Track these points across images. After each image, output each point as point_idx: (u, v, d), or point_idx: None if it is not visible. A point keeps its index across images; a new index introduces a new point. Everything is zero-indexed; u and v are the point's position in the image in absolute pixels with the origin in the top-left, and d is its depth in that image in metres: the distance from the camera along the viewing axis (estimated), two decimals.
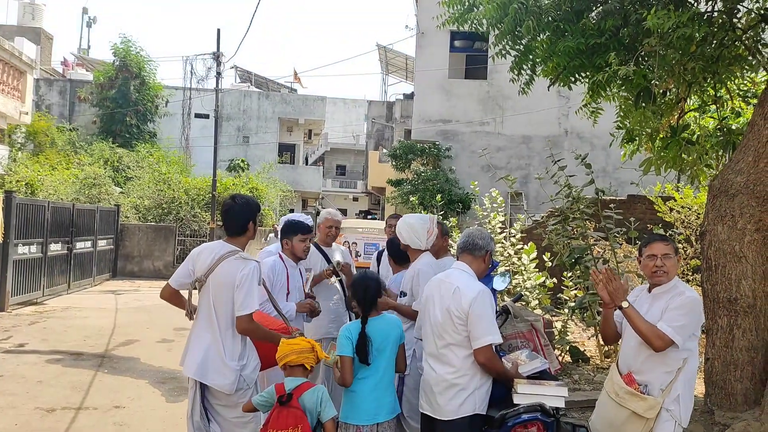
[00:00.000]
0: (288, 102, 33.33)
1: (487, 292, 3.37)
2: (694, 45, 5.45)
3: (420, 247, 4.29)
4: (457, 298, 3.32)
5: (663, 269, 3.35)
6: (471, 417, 3.28)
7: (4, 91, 12.12)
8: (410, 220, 4.37)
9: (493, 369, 3.31)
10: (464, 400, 3.29)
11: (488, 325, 3.28)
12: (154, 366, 7.48)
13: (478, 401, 3.31)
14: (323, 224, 5.23)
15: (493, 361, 3.30)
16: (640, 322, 3.23)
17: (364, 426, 3.39)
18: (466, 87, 20.08)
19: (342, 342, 3.44)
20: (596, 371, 7.10)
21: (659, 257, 3.36)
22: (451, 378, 3.32)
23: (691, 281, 8.52)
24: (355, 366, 3.43)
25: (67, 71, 33.80)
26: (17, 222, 11.03)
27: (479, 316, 3.27)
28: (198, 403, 3.53)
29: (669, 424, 3.23)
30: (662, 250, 3.37)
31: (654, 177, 7.89)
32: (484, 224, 9.37)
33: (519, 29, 5.93)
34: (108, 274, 16.50)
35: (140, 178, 20.76)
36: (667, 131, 6.51)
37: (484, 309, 3.29)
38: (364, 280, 3.64)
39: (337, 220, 5.26)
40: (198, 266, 3.62)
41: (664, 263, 3.35)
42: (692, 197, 8.96)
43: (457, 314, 3.31)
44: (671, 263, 3.36)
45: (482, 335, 3.25)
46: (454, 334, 3.33)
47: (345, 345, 3.42)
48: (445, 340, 3.36)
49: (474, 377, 3.30)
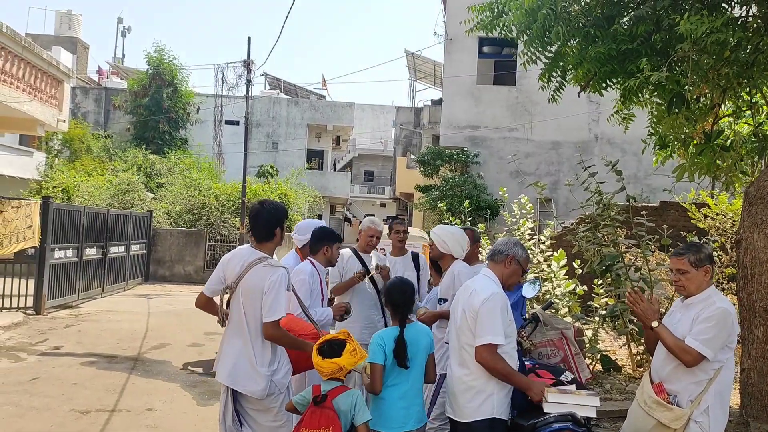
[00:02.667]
0: (316, 108, 33.57)
1: (501, 296, 3.37)
2: (729, 50, 5.36)
3: (460, 255, 4.49)
4: (472, 299, 3.37)
5: (678, 284, 3.40)
6: (490, 421, 3.27)
7: (43, 100, 12.42)
8: (452, 230, 4.60)
9: (492, 369, 3.25)
10: (482, 402, 3.28)
11: (492, 325, 3.26)
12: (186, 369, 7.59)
13: (496, 405, 3.29)
14: (365, 233, 5.26)
15: (491, 361, 3.24)
16: (669, 339, 3.26)
17: None
18: (494, 93, 19.99)
19: (374, 349, 3.45)
20: (628, 381, 6.99)
21: (674, 272, 3.41)
22: (467, 380, 3.33)
23: (726, 290, 8.34)
24: (387, 374, 3.44)
25: (102, 80, 34.56)
26: (54, 227, 11.30)
27: (485, 316, 3.29)
28: (230, 407, 3.57)
29: None
30: (675, 266, 3.41)
31: (687, 183, 7.77)
32: (513, 231, 9.31)
33: (548, 35, 5.90)
34: (140, 278, 16.78)
35: (172, 184, 21.10)
36: (701, 137, 6.40)
37: (492, 310, 3.29)
38: (402, 285, 3.70)
39: (379, 231, 5.29)
40: (228, 273, 3.66)
41: (678, 278, 3.39)
42: (727, 204, 8.78)
43: (470, 314, 3.34)
44: (686, 278, 3.36)
45: (483, 334, 3.26)
46: (469, 334, 3.35)
47: (377, 352, 3.43)
48: (461, 342, 3.40)
49: (490, 380, 3.29)
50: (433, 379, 3.65)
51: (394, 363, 3.43)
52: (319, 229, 4.70)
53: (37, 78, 12.11)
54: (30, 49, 11.59)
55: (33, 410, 5.78)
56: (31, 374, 7.02)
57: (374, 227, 5.26)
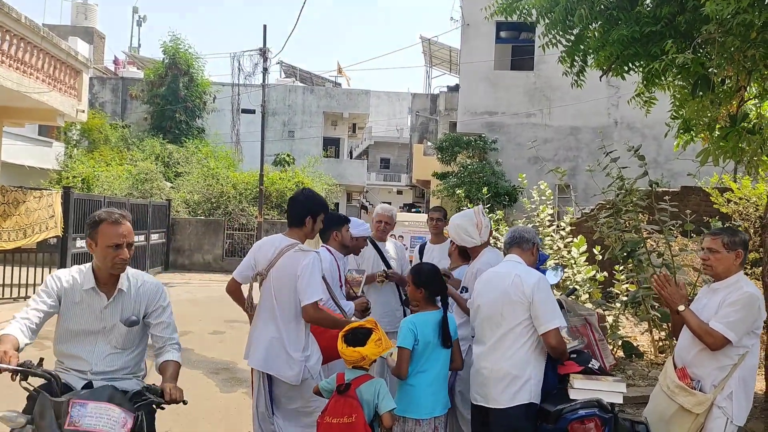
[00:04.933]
0: (332, 96, 33.53)
1: (546, 280, 3.43)
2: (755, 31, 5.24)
3: (476, 243, 4.27)
4: (518, 285, 3.34)
5: (707, 262, 3.38)
6: (527, 405, 3.28)
7: (62, 90, 12.52)
8: (456, 221, 4.36)
9: (563, 353, 3.35)
10: (520, 388, 3.29)
11: (554, 309, 3.33)
12: (207, 357, 7.66)
13: (533, 390, 3.31)
14: (375, 218, 5.26)
15: (561, 344, 3.33)
16: (693, 322, 3.24)
17: (423, 420, 3.40)
18: (512, 78, 19.82)
19: (404, 333, 3.44)
20: (650, 366, 6.95)
21: (705, 250, 3.40)
22: (507, 367, 3.32)
23: (749, 275, 8.24)
24: (417, 360, 3.43)
25: (119, 69, 34.74)
26: (75, 217, 11.42)
27: (544, 301, 3.31)
28: (263, 394, 3.60)
29: (720, 422, 3.17)
30: (708, 244, 3.39)
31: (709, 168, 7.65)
32: (532, 217, 9.25)
33: (570, 18, 5.81)
34: (160, 267, 16.95)
35: (190, 173, 21.22)
36: (726, 120, 6.29)
37: (547, 294, 3.35)
38: (436, 271, 3.68)
39: (386, 215, 5.27)
40: (259, 259, 3.69)
41: (708, 257, 3.37)
42: (750, 188, 8.65)
43: (519, 300, 3.32)
44: (716, 258, 3.34)
45: (550, 319, 3.28)
46: (512, 320, 3.33)
47: (407, 336, 3.42)
48: (503, 328, 3.37)
49: (528, 365, 3.30)
50: (460, 366, 3.63)
51: (425, 348, 3.42)
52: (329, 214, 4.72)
53: (55, 68, 12.20)
54: (49, 40, 11.67)
55: None
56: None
57: (383, 213, 5.27)
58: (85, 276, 3.00)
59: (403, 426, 3.41)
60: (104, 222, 2.91)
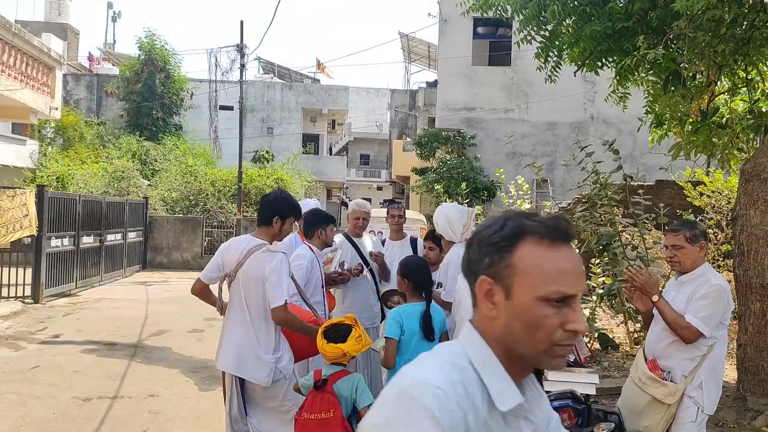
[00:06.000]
0: (311, 92, 33.38)
1: None
2: (725, 27, 5.35)
3: (453, 239, 4.26)
4: None
5: (674, 260, 3.42)
6: None
7: (35, 87, 12.33)
8: (448, 212, 4.28)
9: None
10: None
11: None
12: (186, 355, 7.62)
13: None
14: (351, 215, 5.24)
15: None
16: (670, 315, 3.26)
17: None
18: (489, 74, 19.91)
19: (390, 324, 3.47)
20: (625, 358, 7.05)
21: (670, 248, 3.42)
22: None
23: (722, 267, 8.39)
24: (404, 351, 3.45)
25: (94, 66, 34.23)
26: (50, 216, 11.26)
27: None
28: (236, 396, 3.58)
29: (691, 411, 3.23)
30: (671, 242, 3.42)
31: (683, 162, 7.76)
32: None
33: (544, 14, 5.86)
34: (138, 265, 16.79)
35: (167, 171, 21.02)
36: (697, 115, 6.40)
37: None
38: (423, 263, 3.72)
39: (364, 211, 5.26)
40: (227, 260, 3.65)
41: (674, 254, 3.40)
42: (722, 181, 8.80)
43: None
44: (682, 253, 3.38)
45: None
46: None
47: (393, 327, 3.44)
48: None
49: None
50: None
51: (413, 339, 3.44)
52: (311, 213, 4.70)
53: (28, 65, 12.01)
54: (21, 36, 11.48)
55: (35, 398, 5.80)
56: (32, 363, 7.04)
57: (359, 209, 5.23)
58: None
59: None
60: None
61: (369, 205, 5.59)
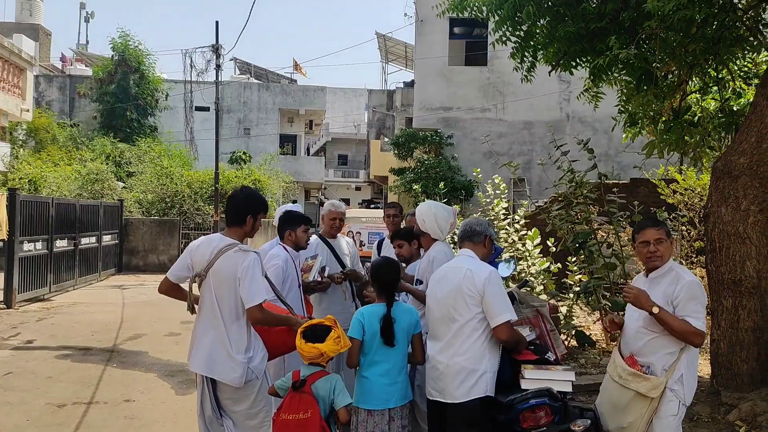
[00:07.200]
0: (288, 93, 33.24)
1: (497, 274, 3.47)
2: (695, 27, 5.43)
3: (438, 237, 4.38)
4: (470, 279, 3.37)
5: (657, 254, 3.42)
6: (482, 399, 3.31)
7: (5, 89, 12.12)
8: (435, 210, 4.39)
9: (517, 343, 3.43)
10: (475, 381, 3.31)
11: (504, 303, 3.36)
12: (162, 359, 7.53)
13: (489, 383, 3.34)
14: (327, 216, 5.22)
15: (513, 336, 3.38)
16: (677, 325, 3.24)
17: (375, 411, 3.41)
18: (466, 74, 20.00)
19: (353, 324, 3.47)
20: (602, 355, 7.12)
21: (652, 243, 3.42)
22: (461, 361, 3.34)
23: (695, 263, 8.52)
24: (368, 351, 3.45)
25: (66, 67, 33.74)
26: (22, 219, 11.07)
27: (494, 295, 3.34)
28: (208, 398, 3.54)
29: (673, 404, 3.28)
30: (654, 236, 3.43)
31: (657, 160, 7.87)
32: (487, 211, 9.37)
33: (519, 15, 5.90)
34: (113, 269, 16.56)
35: (142, 173, 20.77)
36: (670, 114, 6.50)
37: (498, 288, 3.38)
38: (389, 263, 3.72)
39: (340, 212, 5.26)
40: (196, 260, 3.59)
41: (657, 248, 3.41)
42: (695, 179, 8.94)
43: (470, 294, 3.35)
44: (664, 247, 3.41)
45: (500, 313, 3.31)
46: (466, 314, 3.36)
47: (355, 327, 3.45)
48: (458, 323, 3.39)
49: (484, 358, 3.34)
50: (420, 360, 3.62)
51: (377, 340, 3.44)
52: (282, 214, 4.69)
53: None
54: None
55: (8, 405, 5.69)
56: (4, 369, 6.90)
57: (335, 210, 5.24)
58: None
59: (356, 416, 3.43)
60: None
61: (344, 205, 5.60)
